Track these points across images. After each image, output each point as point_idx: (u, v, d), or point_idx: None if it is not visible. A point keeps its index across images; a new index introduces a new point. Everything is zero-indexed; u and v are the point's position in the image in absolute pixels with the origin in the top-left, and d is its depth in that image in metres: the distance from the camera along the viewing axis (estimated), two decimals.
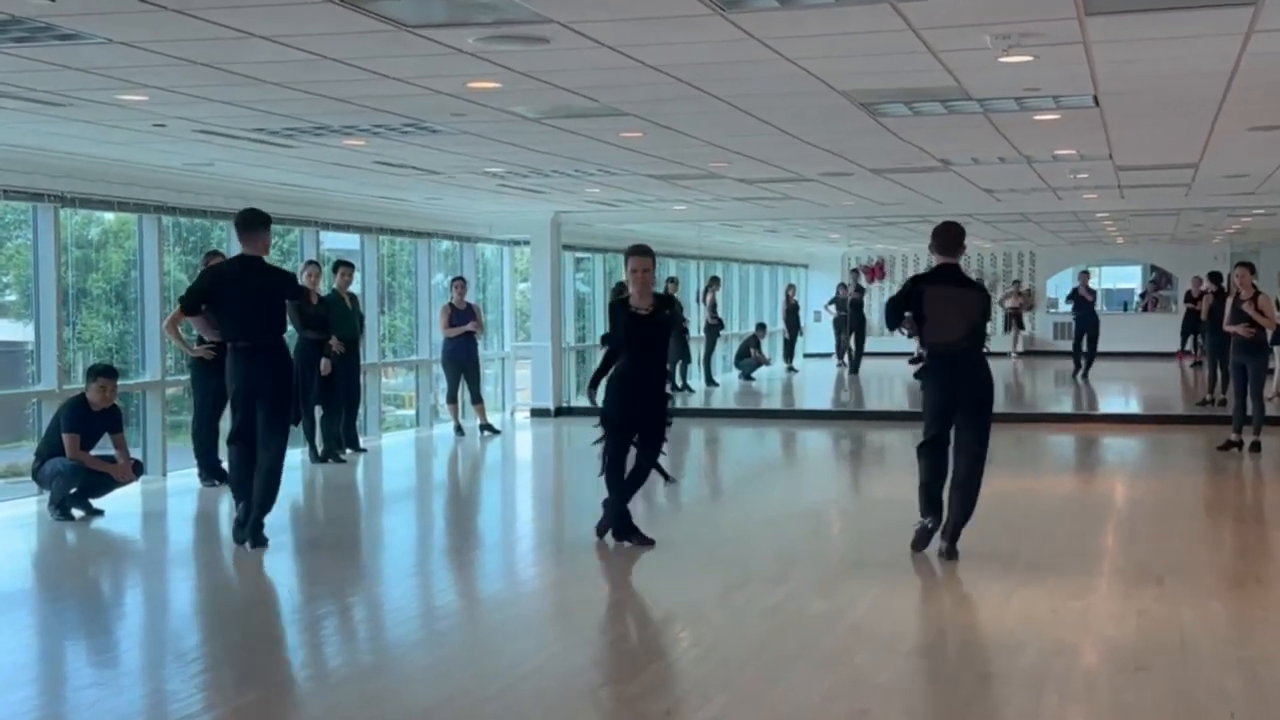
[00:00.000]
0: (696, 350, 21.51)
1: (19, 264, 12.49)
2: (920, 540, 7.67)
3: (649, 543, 8.03)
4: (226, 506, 10.30)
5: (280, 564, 8.13)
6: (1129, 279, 32.84)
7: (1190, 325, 22.83)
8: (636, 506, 8.27)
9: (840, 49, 6.79)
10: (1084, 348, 20.89)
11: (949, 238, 7.56)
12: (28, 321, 11.21)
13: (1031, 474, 11.08)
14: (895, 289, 7.22)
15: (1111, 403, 19.13)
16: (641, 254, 7.91)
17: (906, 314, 7.51)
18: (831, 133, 9.98)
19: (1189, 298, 22.75)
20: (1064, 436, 14.34)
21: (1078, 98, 8.35)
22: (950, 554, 7.50)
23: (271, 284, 8.04)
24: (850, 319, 23.94)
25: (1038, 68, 7.20)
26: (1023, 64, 7.04)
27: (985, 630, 6.23)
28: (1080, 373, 20.80)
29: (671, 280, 19.92)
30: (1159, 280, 30.36)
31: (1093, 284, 21.93)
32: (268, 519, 8.18)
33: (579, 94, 7.98)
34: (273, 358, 7.98)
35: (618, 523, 8.05)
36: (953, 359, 7.43)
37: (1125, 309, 30.60)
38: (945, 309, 7.40)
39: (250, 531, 8.09)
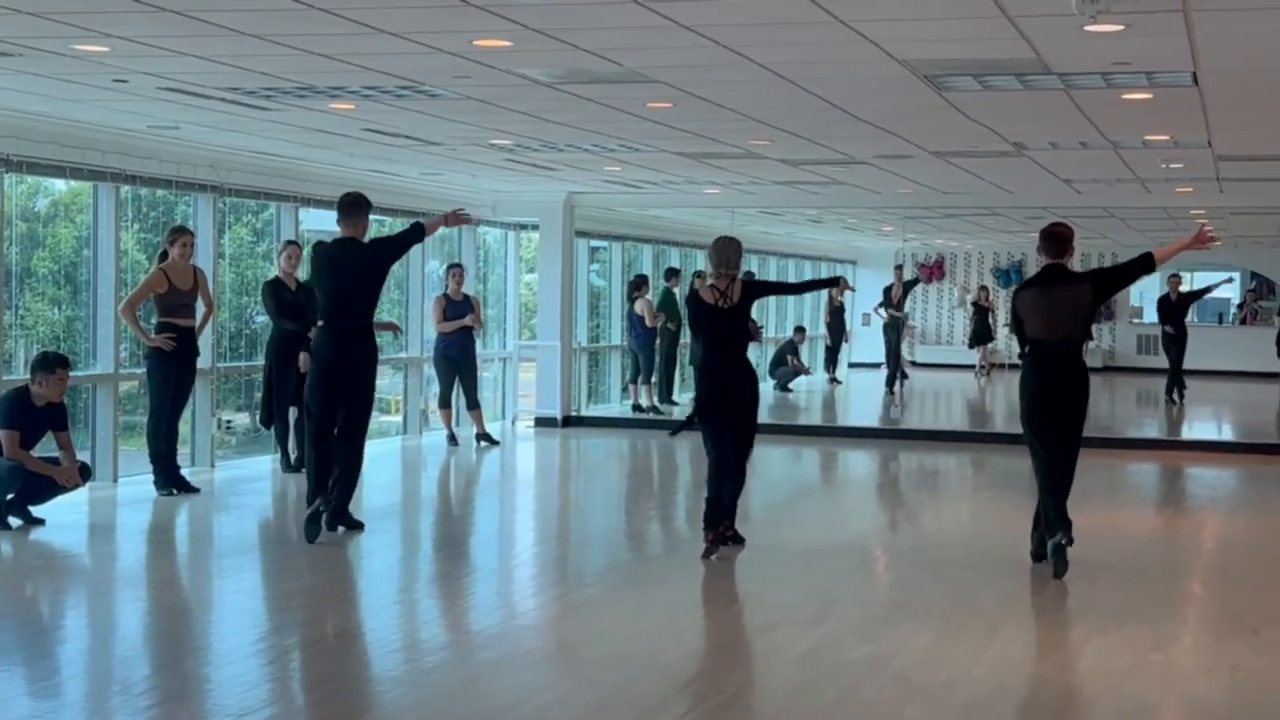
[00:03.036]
0: None
1: None
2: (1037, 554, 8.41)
3: (739, 541, 8.84)
4: (185, 518, 10.37)
5: (246, 587, 8.15)
6: (1226, 287, 32.62)
7: None
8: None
9: (902, 11, 6.78)
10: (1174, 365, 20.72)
11: (1052, 239, 8.32)
12: None
13: (1109, 507, 11.02)
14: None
15: (1203, 428, 19.04)
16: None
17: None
18: (889, 109, 9.96)
19: None
20: (1147, 465, 14.28)
21: (1174, 75, 8.31)
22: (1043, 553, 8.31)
23: (365, 262, 9.07)
24: (892, 326, 24.12)
25: (1129, 39, 7.17)
26: (1112, 34, 7.01)
27: (1053, 684, 6.20)
28: (1178, 394, 20.58)
29: (700, 274, 19.88)
30: (1260, 289, 30.24)
31: (1182, 290, 21.73)
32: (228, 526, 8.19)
33: (601, 56, 7.98)
34: (359, 342, 9.01)
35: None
36: (1047, 359, 8.21)
37: (1220, 321, 30.47)
38: (1038, 309, 8.22)
39: (332, 517, 9.02)
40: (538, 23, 7.08)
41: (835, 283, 9.56)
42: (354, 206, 9.25)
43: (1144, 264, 8.33)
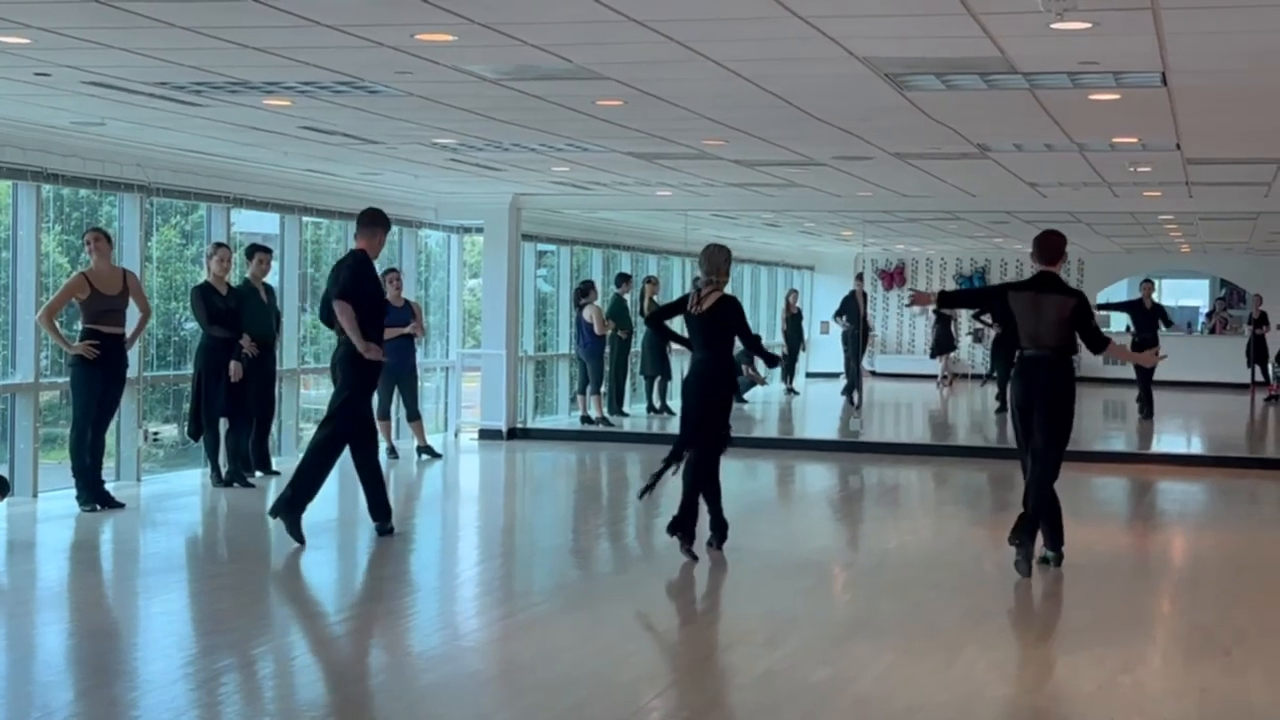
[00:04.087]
0: (679, 365, 21.51)
1: None
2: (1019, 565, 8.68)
3: (692, 556, 9.03)
4: (109, 535, 10.28)
5: (174, 608, 8.08)
6: (1195, 295, 33.01)
7: (1260, 353, 23.37)
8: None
9: (863, 7, 6.81)
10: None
11: (1044, 246, 8.98)
12: None
13: (1075, 523, 11.06)
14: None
15: (1171, 441, 19.20)
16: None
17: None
18: (849, 108, 10.00)
19: (1251, 320, 23.38)
20: (1114, 479, 14.39)
21: (1143, 75, 8.39)
22: (1043, 560, 8.88)
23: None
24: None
25: (1097, 37, 7.22)
26: (1079, 32, 7.06)
27: (1019, 707, 6.23)
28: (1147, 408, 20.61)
29: (650, 280, 19.93)
30: (1229, 297, 30.55)
31: (1154, 297, 21.89)
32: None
33: (549, 51, 7.97)
34: (340, 353, 9.73)
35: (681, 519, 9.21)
36: (1030, 363, 8.79)
37: (1189, 330, 30.77)
38: (1027, 315, 8.77)
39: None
40: (483, 16, 7.07)
41: (775, 361, 10.91)
42: (374, 222, 9.87)
43: (1099, 342, 9.00)
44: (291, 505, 9.47)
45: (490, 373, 17.05)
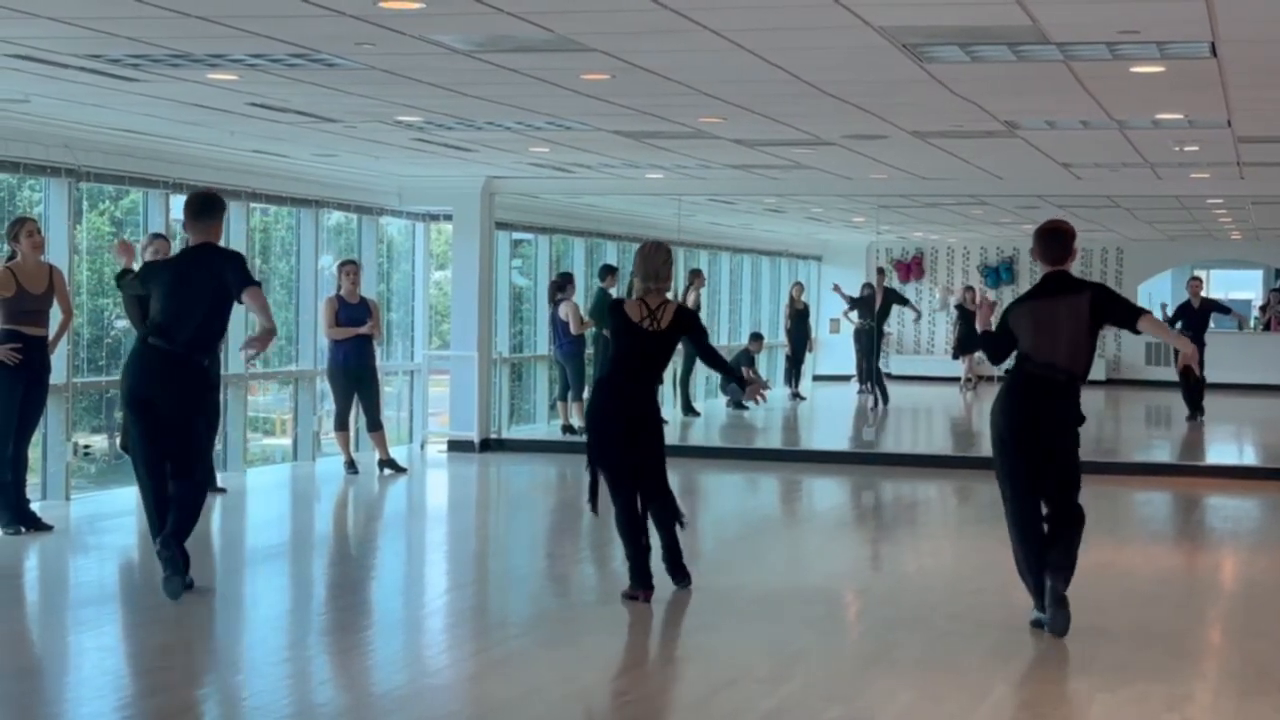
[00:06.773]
0: (671, 367, 21.52)
1: None
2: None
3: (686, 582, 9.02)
4: (35, 561, 10.27)
5: (109, 643, 8.08)
6: (1246, 286, 33.08)
7: None
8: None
9: None
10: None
11: (1050, 240, 8.15)
12: None
13: (1114, 543, 11.13)
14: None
15: (1222, 450, 19.24)
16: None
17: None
18: (862, 82, 10.02)
19: None
20: (1157, 493, 14.43)
21: (1190, 45, 8.41)
22: (1054, 628, 7.93)
23: (206, 275, 8.77)
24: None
25: (1139, 3, 7.26)
26: None
27: None
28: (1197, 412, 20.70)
29: (609, 270, 19.90)
30: None
31: (1202, 293, 22.00)
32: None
33: (527, 20, 7.99)
34: (186, 364, 8.89)
35: (641, 574, 8.77)
36: (1040, 385, 8.06)
37: (1240, 327, 30.84)
38: (1037, 324, 8.02)
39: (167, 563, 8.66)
40: None
41: (747, 384, 9.68)
42: (205, 208, 8.97)
43: (1136, 317, 8.04)
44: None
45: (460, 377, 17.04)
